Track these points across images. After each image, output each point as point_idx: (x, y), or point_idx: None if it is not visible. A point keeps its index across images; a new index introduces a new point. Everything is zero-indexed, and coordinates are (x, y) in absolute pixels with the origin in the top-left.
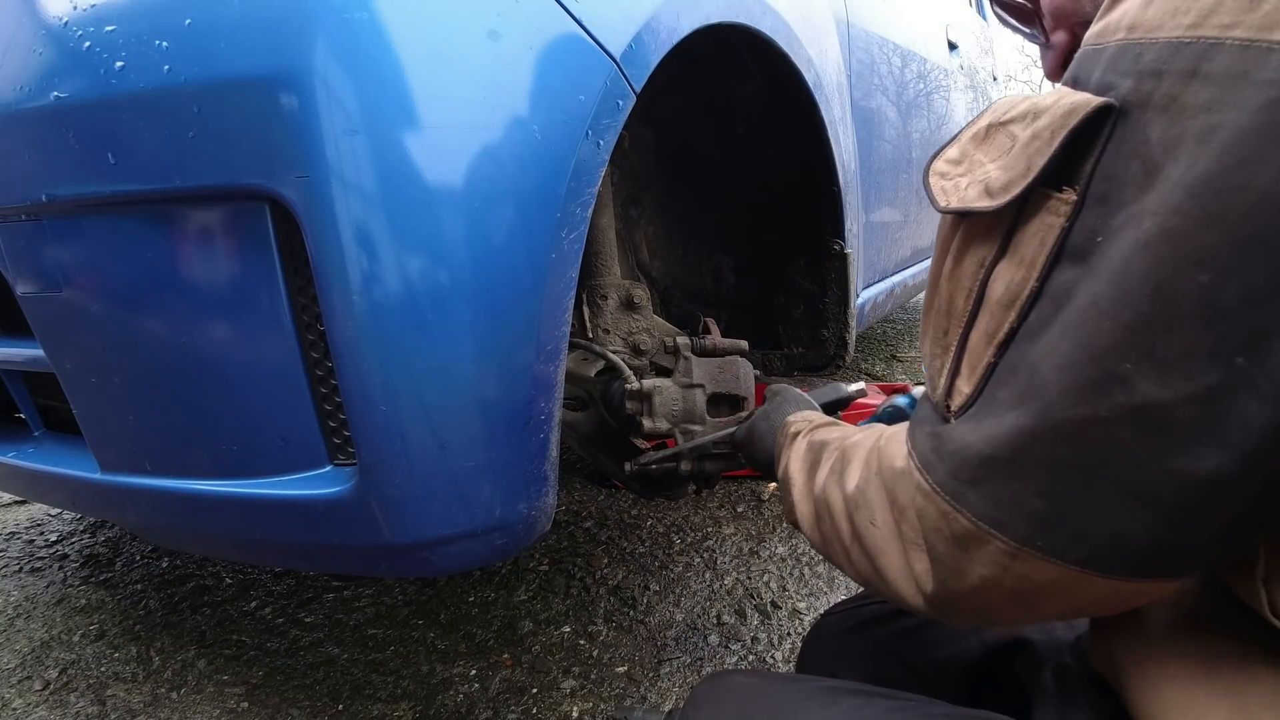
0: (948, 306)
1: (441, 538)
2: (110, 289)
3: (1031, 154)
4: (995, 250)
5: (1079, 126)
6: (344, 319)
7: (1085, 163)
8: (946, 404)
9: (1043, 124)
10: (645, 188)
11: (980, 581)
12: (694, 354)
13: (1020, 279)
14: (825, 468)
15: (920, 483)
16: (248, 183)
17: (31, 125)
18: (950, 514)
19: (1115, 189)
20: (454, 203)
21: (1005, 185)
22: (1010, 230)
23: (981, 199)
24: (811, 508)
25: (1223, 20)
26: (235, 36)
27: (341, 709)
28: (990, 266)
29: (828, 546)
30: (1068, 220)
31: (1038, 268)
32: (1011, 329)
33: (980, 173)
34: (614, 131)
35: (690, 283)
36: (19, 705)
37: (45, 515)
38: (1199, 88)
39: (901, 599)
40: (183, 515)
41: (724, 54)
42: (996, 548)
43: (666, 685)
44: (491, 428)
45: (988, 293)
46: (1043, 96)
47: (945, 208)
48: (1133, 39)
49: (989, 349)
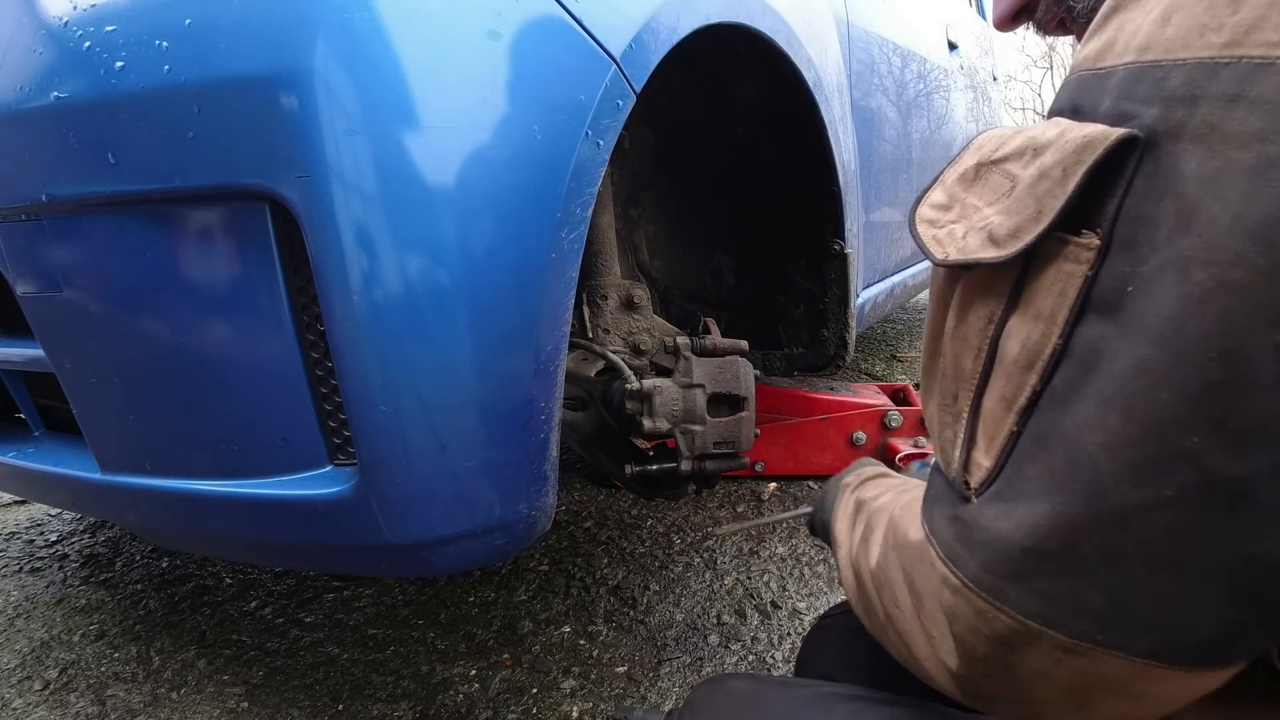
0: (954, 369)
1: (441, 538)
2: (110, 289)
3: (1041, 195)
4: (1005, 303)
5: (1099, 162)
6: (344, 319)
7: (1107, 203)
8: (965, 480)
9: (1050, 161)
10: (645, 188)
11: (1032, 676)
12: (694, 354)
13: (1039, 336)
14: (858, 532)
15: (947, 576)
16: (248, 183)
17: (31, 125)
18: (989, 612)
19: (1145, 232)
20: (454, 202)
21: (1013, 232)
22: (1020, 280)
23: (985, 249)
24: (852, 576)
25: (1270, 37)
26: (235, 36)
27: (341, 709)
28: (1001, 322)
29: (870, 619)
30: (1091, 268)
31: (1059, 323)
32: (1034, 393)
33: (978, 219)
34: (614, 131)
35: (690, 283)
36: (19, 705)
37: (45, 515)
38: (1246, 114)
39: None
40: (183, 515)
41: (724, 54)
42: (1049, 644)
43: (666, 685)
44: (491, 428)
45: (1001, 352)
46: (1039, 130)
47: (944, 260)
48: (1150, 61)
49: (1009, 416)
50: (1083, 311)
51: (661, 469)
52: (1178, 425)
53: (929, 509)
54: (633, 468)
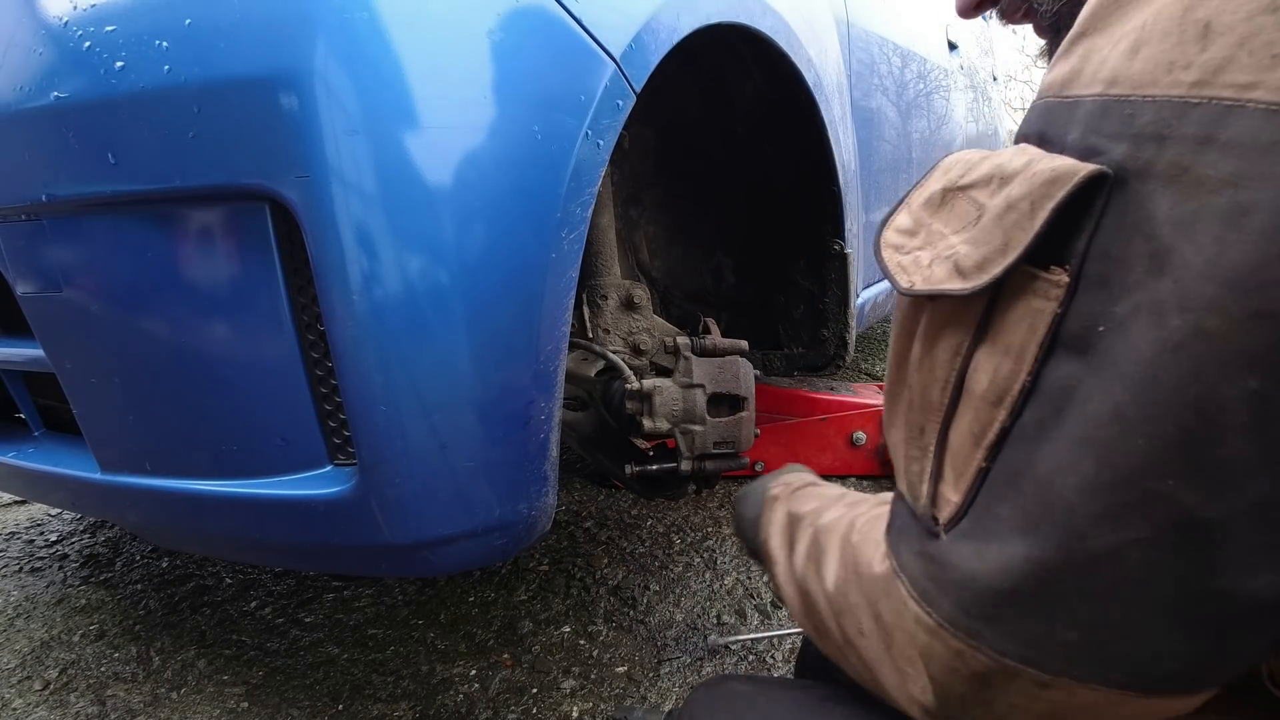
0: (921, 400)
1: (441, 538)
2: (110, 289)
3: (1009, 228)
4: (972, 335)
5: (1067, 198)
6: (344, 319)
7: (1076, 240)
8: (933, 515)
9: (1018, 192)
10: (645, 188)
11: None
12: (694, 354)
13: (1008, 371)
14: (801, 550)
15: (920, 616)
16: (248, 183)
17: (31, 125)
18: (966, 653)
19: (1116, 271)
20: (454, 202)
21: (980, 264)
22: (988, 312)
23: (952, 280)
24: (797, 594)
25: (1238, 79)
26: (235, 36)
27: (341, 709)
28: (968, 355)
29: (822, 640)
30: (1060, 305)
31: (1028, 359)
32: (1003, 429)
33: (943, 246)
34: (614, 131)
35: (690, 283)
36: (19, 705)
37: (45, 515)
38: (1217, 158)
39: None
40: (183, 515)
41: (724, 54)
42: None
43: (666, 685)
44: (491, 428)
45: (968, 385)
46: (1006, 156)
47: (910, 289)
48: (1118, 95)
49: (977, 451)
50: (1052, 348)
51: (661, 469)
52: (1153, 471)
53: (895, 541)
54: (633, 468)
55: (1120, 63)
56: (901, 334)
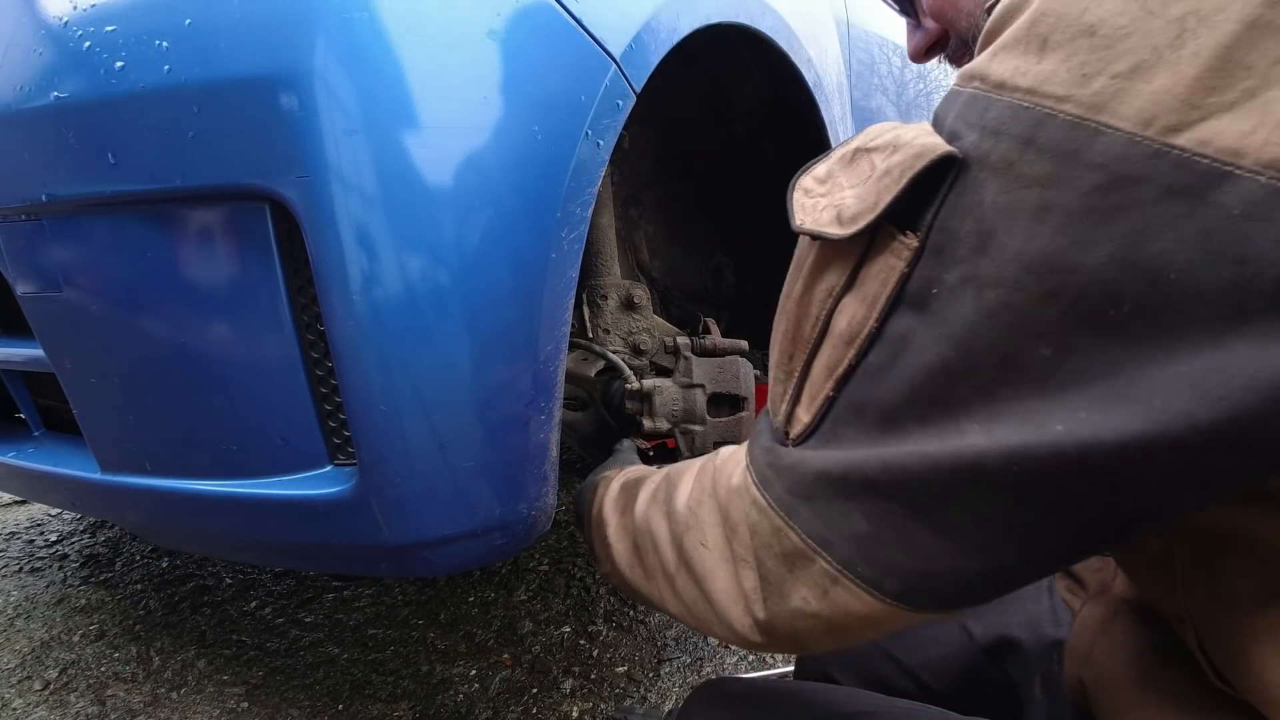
0: (794, 331)
1: (441, 538)
2: (110, 289)
3: (881, 189)
4: (845, 281)
5: (924, 171)
6: (344, 319)
7: (927, 210)
8: (786, 430)
9: (896, 160)
10: (645, 188)
11: (801, 604)
12: (694, 354)
13: (862, 316)
14: (645, 495)
15: (756, 497)
16: (248, 183)
17: (31, 125)
18: (783, 530)
19: (950, 244)
20: (454, 203)
21: (854, 216)
22: (859, 263)
23: (833, 225)
24: (630, 542)
25: (1056, 90)
26: (235, 36)
27: (341, 709)
28: (838, 297)
29: (649, 581)
30: (908, 265)
31: (878, 308)
32: (850, 366)
33: (838, 196)
34: (614, 131)
35: (690, 283)
36: (19, 705)
37: (45, 515)
38: (1034, 158)
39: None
40: (183, 515)
41: (724, 54)
42: (820, 568)
43: (666, 685)
44: (491, 428)
45: (832, 324)
46: (907, 129)
47: (798, 227)
48: (981, 91)
49: (828, 382)
50: (897, 302)
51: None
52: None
53: (752, 445)
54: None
55: (985, 63)
56: (793, 271)
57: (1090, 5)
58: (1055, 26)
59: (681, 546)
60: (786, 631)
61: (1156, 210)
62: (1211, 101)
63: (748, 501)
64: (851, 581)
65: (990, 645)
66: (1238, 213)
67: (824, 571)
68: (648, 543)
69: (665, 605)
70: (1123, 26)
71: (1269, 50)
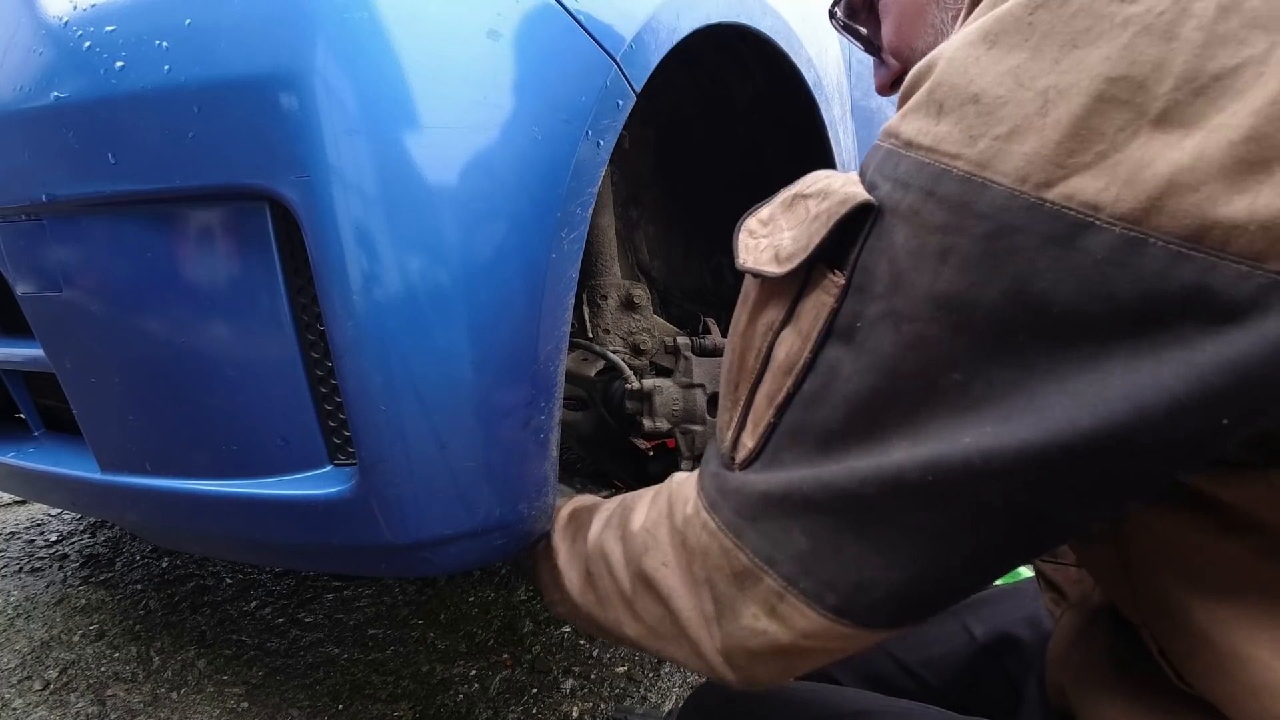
0: (739, 361)
1: (441, 538)
2: (110, 289)
3: (812, 232)
4: (783, 316)
5: (846, 217)
6: (344, 319)
7: (851, 252)
8: (732, 456)
9: (825, 206)
10: (645, 188)
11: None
12: (694, 354)
13: (798, 348)
14: (598, 523)
15: (706, 520)
16: (248, 183)
17: (31, 125)
18: (731, 550)
19: (869, 282)
20: (454, 203)
21: (790, 255)
22: (796, 299)
23: (771, 264)
24: (581, 568)
25: (950, 149)
26: (235, 36)
27: (341, 709)
28: (778, 331)
29: (604, 607)
30: (836, 301)
31: (811, 340)
32: (788, 394)
33: (777, 237)
34: (614, 131)
35: (690, 283)
36: (19, 705)
37: (45, 515)
38: (935, 208)
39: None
40: (183, 515)
41: (724, 54)
42: (767, 585)
43: (666, 685)
44: (491, 428)
45: (773, 356)
46: (836, 177)
47: (741, 265)
48: (895, 147)
49: (769, 410)
50: (828, 335)
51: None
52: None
53: (702, 472)
54: None
55: (898, 122)
56: (740, 307)
57: (975, 76)
58: (949, 94)
59: (640, 568)
60: (742, 656)
61: (1038, 255)
62: (1072, 162)
63: (698, 526)
64: (795, 597)
65: (991, 643)
66: (1101, 257)
67: (770, 589)
68: (601, 568)
69: (622, 630)
70: (1000, 96)
71: (1114, 119)
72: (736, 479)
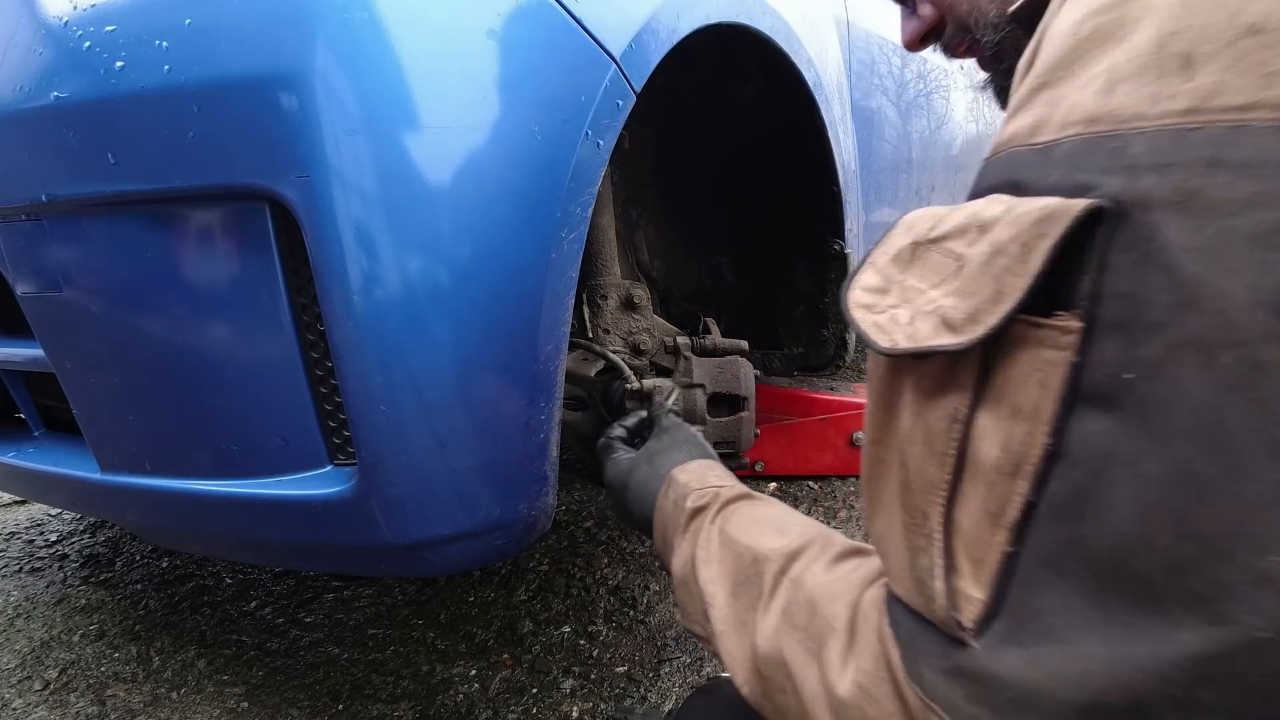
0: (918, 480)
1: (441, 538)
2: (110, 289)
3: (999, 274)
4: (970, 399)
5: (1066, 236)
6: (344, 319)
7: (1080, 280)
8: (956, 619)
9: (1004, 236)
10: (645, 188)
11: None
12: (694, 354)
13: (1023, 436)
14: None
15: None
16: (248, 183)
17: (31, 125)
18: None
19: (1134, 310)
20: (454, 202)
21: (971, 316)
22: (985, 371)
23: (940, 335)
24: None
25: (1233, 100)
26: (235, 36)
27: (341, 709)
28: (968, 421)
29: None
30: (1076, 355)
31: (1045, 419)
32: (1027, 504)
33: (922, 302)
34: (614, 131)
35: (690, 283)
36: (19, 705)
37: (45, 515)
38: (1231, 179)
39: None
40: (183, 515)
41: (724, 54)
42: None
43: (666, 685)
44: (491, 428)
45: (973, 456)
46: (978, 206)
47: (894, 349)
48: (1102, 131)
49: (997, 534)
50: (1073, 404)
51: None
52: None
53: (910, 659)
54: None
55: (1096, 102)
56: (881, 405)
57: (1239, 7)
58: (1199, 39)
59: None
60: None
61: None
62: None
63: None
64: None
65: None
66: None
67: None
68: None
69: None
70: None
71: None
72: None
